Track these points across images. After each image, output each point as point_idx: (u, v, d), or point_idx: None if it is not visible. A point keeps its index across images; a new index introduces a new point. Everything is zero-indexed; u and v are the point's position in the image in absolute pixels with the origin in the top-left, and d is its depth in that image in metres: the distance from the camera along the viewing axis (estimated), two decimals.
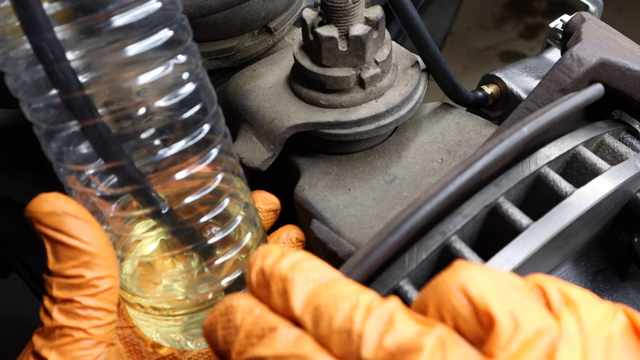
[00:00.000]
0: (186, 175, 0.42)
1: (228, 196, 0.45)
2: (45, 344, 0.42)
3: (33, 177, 0.85)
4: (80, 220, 0.41)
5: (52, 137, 0.40)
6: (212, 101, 0.44)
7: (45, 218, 0.40)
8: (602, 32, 0.52)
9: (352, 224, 0.53)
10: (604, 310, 0.32)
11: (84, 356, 0.41)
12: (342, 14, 0.53)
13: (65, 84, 0.36)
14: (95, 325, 0.42)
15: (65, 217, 0.40)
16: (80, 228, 0.41)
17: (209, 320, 0.36)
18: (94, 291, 0.41)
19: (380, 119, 0.56)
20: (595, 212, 0.43)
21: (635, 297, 0.50)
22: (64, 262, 0.41)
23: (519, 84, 0.66)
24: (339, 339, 0.31)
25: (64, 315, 0.41)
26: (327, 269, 0.35)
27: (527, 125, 0.41)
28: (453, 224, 0.41)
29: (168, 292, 0.46)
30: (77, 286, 0.41)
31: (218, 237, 0.45)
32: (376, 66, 0.55)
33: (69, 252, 0.41)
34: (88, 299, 0.41)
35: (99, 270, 0.41)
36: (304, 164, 0.59)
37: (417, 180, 0.56)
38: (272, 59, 0.64)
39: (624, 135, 0.50)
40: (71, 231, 0.40)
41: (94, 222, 0.42)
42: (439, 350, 0.30)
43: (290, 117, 0.56)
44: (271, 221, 0.56)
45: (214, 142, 0.44)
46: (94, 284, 0.41)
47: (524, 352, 0.29)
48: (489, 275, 0.32)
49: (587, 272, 0.49)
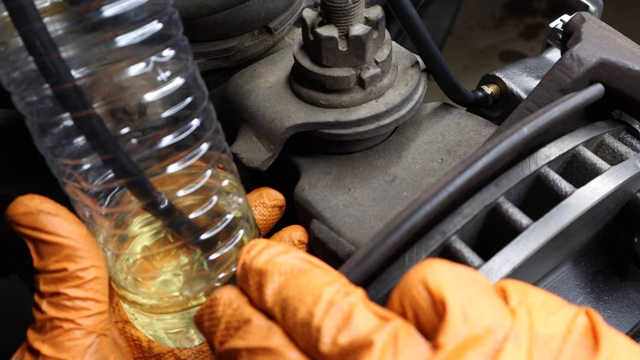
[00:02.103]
0: (175, 170, 0.42)
1: (218, 193, 0.45)
2: (38, 337, 0.43)
3: (33, 177, 0.85)
4: (56, 217, 0.42)
5: (45, 131, 0.40)
6: (202, 96, 0.44)
7: (22, 219, 0.42)
8: (602, 32, 0.52)
9: (352, 224, 0.53)
10: (565, 312, 0.32)
11: (75, 346, 0.42)
12: (342, 14, 0.53)
13: (56, 76, 0.36)
14: (84, 315, 0.43)
15: (40, 215, 0.42)
16: (56, 224, 0.42)
17: (199, 311, 0.38)
18: (79, 282, 0.42)
19: (380, 119, 0.56)
20: (595, 212, 0.43)
21: (635, 297, 0.50)
22: (47, 258, 0.42)
23: (519, 84, 0.66)
24: (301, 332, 0.33)
25: (52, 308, 0.42)
26: (302, 261, 0.36)
27: (527, 126, 0.41)
28: (453, 224, 0.41)
29: (163, 288, 0.46)
30: (61, 279, 0.42)
31: (210, 234, 0.44)
32: (376, 66, 0.55)
33: (50, 249, 0.42)
34: (74, 290, 0.42)
35: (82, 262, 0.42)
36: (304, 164, 0.59)
37: (417, 180, 0.56)
38: (272, 59, 0.64)
39: (624, 135, 0.50)
40: (48, 228, 0.42)
41: (71, 216, 0.43)
42: (391, 346, 0.31)
43: (290, 117, 0.56)
44: (276, 217, 0.56)
45: (204, 137, 0.43)
46: (78, 275, 0.42)
47: (471, 345, 0.30)
48: (450, 269, 0.33)
49: (587, 272, 0.49)
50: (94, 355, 0.43)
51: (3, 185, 0.84)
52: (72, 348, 0.42)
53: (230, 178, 0.47)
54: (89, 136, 0.38)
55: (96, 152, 0.38)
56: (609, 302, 0.48)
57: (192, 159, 0.42)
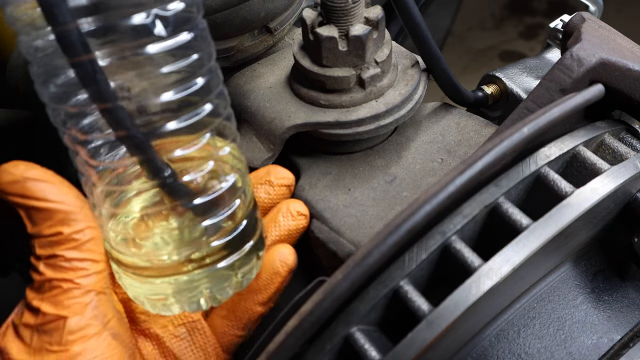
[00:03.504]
0: (174, 128, 0.41)
1: (217, 159, 0.45)
2: (36, 296, 0.43)
3: None
4: (44, 182, 0.42)
5: (50, 79, 0.40)
6: (210, 55, 0.43)
7: (9, 187, 0.42)
8: (602, 32, 0.52)
9: (352, 224, 0.53)
10: None
11: (74, 304, 0.43)
12: (342, 13, 0.53)
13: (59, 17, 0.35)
14: (83, 275, 0.43)
15: (27, 182, 0.42)
16: (45, 190, 0.42)
17: None
18: (76, 244, 0.43)
19: (380, 119, 0.56)
20: (595, 212, 0.43)
21: (635, 297, 0.50)
22: (40, 224, 0.42)
23: (519, 84, 0.66)
24: None
25: (50, 269, 0.42)
26: None
27: (528, 126, 0.41)
28: (453, 224, 0.41)
29: (153, 250, 0.45)
30: (57, 242, 0.42)
31: (203, 199, 0.44)
32: (376, 66, 0.55)
33: (42, 214, 0.42)
34: (71, 252, 0.42)
35: (76, 224, 0.42)
36: (304, 164, 0.59)
37: (417, 180, 0.56)
38: (272, 59, 0.64)
39: (624, 135, 0.50)
40: (37, 194, 0.42)
41: (58, 179, 0.43)
42: None
43: (290, 117, 0.56)
44: (284, 196, 0.55)
45: (207, 99, 0.43)
46: (74, 237, 0.42)
47: None
48: None
49: (587, 272, 0.49)
50: (93, 311, 0.43)
51: None
52: (71, 305, 0.43)
53: (232, 147, 0.47)
54: (86, 82, 0.36)
55: (92, 99, 0.37)
56: (609, 302, 0.48)
57: (191, 119, 0.41)
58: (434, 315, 0.38)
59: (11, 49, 0.70)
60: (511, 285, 0.42)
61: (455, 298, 0.38)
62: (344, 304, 0.39)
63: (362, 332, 0.40)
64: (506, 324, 0.46)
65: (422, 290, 0.41)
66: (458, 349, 0.45)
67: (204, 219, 0.45)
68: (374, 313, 0.41)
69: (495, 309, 0.45)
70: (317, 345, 0.40)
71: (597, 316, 0.47)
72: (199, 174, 0.44)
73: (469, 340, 0.45)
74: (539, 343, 0.45)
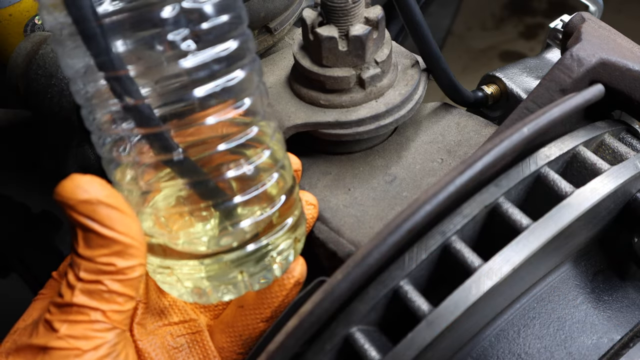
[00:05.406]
0: (215, 122, 0.40)
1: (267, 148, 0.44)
2: (60, 316, 0.41)
3: (33, 177, 0.85)
4: (114, 210, 0.40)
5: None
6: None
7: (79, 206, 0.39)
8: (602, 32, 0.52)
9: (352, 224, 0.53)
10: None
11: (95, 337, 0.41)
12: (342, 14, 0.53)
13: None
14: (115, 309, 0.41)
15: (99, 206, 0.39)
16: (114, 218, 0.39)
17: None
18: (122, 277, 0.41)
19: (380, 119, 0.56)
20: (595, 212, 0.43)
21: (635, 297, 0.50)
22: (95, 249, 0.40)
23: (519, 84, 0.66)
24: None
25: (86, 295, 0.41)
26: None
27: (528, 126, 0.41)
28: (453, 224, 0.41)
29: (192, 231, 0.44)
30: (106, 272, 0.40)
31: (244, 197, 0.42)
32: (376, 66, 0.55)
33: (101, 241, 0.40)
34: (115, 284, 0.41)
35: (131, 259, 0.41)
36: (304, 164, 0.59)
37: (417, 180, 0.56)
38: (272, 59, 0.64)
39: (624, 135, 0.50)
40: (105, 221, 0.39)
41: (126, 207, 0.40)
42: None
43: (290, 117, 0.56)
44: None
45: (247, 92, 0.42)
46: (124, 272, 0.41)
47: None
48: None
49: (587, 272, 0.49)
50: (108, 349, 0.42)
51: (3, 185, 0.84)
52: (91, 338, 0.41)
53: (274, 144, 0.46)
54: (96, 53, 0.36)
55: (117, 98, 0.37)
56: (609, 302, 0.48)
57: (232, 112, 0.40)
58: (434, 315, 0.38)
59: (11, 49, 0.70)
60: (511, 285, 0.42)
61: (455, 298, 0.38)
62: (343, 304, 0.39)
63: (362, 332, 0.40)
64: (506, 324, 0.46)
65: (422, 290, 0.41)
66: (458, 349, 0.45)
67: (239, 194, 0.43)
68: (374, 313, 0.41)
69: (495, 309, 0.45)
70: (317, 345, 0.40)
71: (597, 316, 0.47)
72: (255, 163, 0.43)
73: (469, 340, 0.45)
74: (539, 343, 0.45)
